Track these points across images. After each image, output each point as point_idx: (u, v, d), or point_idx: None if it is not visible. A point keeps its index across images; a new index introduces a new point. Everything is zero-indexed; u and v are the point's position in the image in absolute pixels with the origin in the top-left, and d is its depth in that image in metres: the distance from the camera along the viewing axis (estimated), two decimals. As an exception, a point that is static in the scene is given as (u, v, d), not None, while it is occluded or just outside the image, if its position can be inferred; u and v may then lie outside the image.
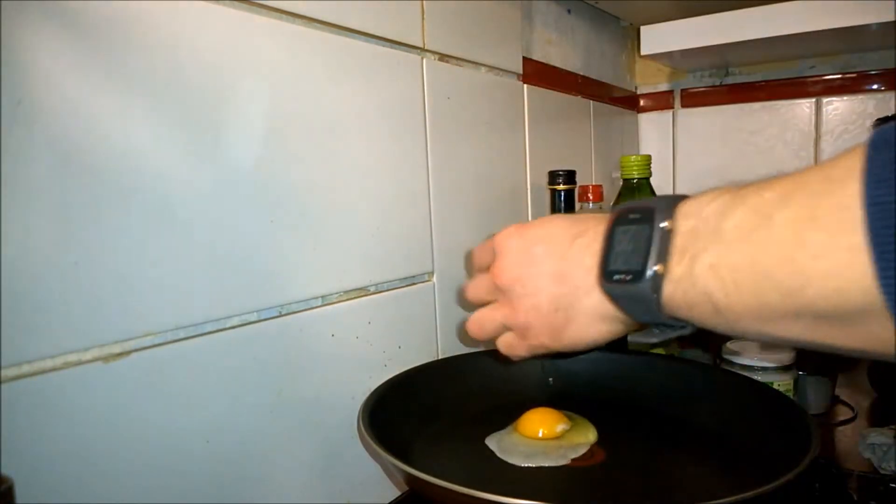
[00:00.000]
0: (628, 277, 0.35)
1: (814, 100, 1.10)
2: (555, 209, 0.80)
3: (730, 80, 1.18)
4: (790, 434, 0.49)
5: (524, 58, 0.84)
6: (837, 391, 0.81)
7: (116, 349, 0.39)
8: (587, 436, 0.55)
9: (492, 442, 0.55)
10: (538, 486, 0.49)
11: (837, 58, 1.08)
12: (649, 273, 0.34)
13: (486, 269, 0.45)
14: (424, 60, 0.65)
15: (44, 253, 0.35)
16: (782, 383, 0.68)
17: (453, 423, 0.59)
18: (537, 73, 0.87)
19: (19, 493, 0.27)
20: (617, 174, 0.91)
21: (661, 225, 0.34)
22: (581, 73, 1.02)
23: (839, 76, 1.08)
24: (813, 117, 1.10)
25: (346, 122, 0.56)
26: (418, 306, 0.65)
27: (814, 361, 0.76)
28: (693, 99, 1.21)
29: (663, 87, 1.24)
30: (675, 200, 0.34)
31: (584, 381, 0.65)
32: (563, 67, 0.97)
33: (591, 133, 1.05)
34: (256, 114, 0.48)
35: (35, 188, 0.35)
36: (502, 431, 0.57)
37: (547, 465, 0.51)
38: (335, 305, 0.55)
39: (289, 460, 0.51)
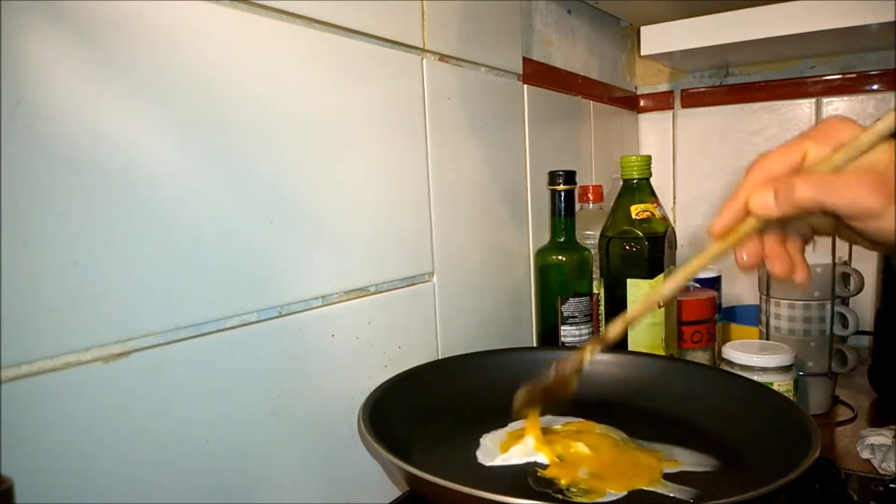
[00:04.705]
0: None
1: (814, 100, 1.10)
2: (555, 209, 0.80)
3: (730, 81, 1.18)
4: (790, 434, 0.49)
5: (524, 58, 0.84)
6: (837, 391, 0.81)
7: (116, 349, 0.39)
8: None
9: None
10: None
11: (837, 58, 1.08)
12: None
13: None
14: (424, 60, 0.65)
15: (44, 253, 0.35)
16: (782, 383, 0.68)
17: (453, 423, 0.58)
18: (537, 74, 0.87)
19: (19, 493, 0.27)
20: (617, 174, 0.91)
21: None
22: (581, 74, 1.02)
23: (839, 76, 1.08)
24: (813, 117, 1.10)
25: (346, 122, 0.56)
26: (418, 306, 0.65)
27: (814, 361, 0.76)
28: (693, 99, 1.21)
29: (663, 87, 1.24)
30: None
31: (583, 381, 0.65)
32: (563, 68, 0.97)
33: (591, 133, 1.05)
34: (256, 114, 0.48)
35: (35, 188, 0.35)
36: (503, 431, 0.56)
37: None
38: (335, 305, 0.55)
39: (289, 460, 0.51)
